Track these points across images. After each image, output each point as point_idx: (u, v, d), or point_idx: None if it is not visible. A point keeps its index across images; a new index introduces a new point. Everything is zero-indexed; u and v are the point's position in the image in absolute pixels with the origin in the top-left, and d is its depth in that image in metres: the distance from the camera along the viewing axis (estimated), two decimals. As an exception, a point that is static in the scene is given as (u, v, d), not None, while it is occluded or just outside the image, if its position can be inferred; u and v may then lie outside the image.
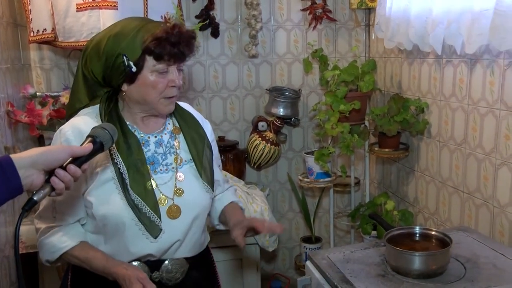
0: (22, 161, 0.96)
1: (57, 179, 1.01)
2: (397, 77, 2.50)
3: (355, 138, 2.30)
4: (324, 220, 2.99)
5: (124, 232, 1.31)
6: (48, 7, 2.13)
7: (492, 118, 1.82)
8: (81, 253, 1.32)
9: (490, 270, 1.42)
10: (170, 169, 1.38)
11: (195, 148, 1.42)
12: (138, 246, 1.32)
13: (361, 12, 2.80)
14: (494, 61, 1.78)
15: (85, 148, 1.08)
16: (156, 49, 1.26)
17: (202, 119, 1.54)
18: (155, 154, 1.38)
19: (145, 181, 1.32)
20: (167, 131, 1.42)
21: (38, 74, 2.51)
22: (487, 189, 1.87)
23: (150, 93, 1.30)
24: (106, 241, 1.34)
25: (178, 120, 1.45)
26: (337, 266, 1.48)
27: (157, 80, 1.29)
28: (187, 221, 1.37)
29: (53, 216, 1.33)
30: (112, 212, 1.29)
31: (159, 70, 1.29)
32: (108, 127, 1.16)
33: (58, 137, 1.31)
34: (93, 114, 1.35)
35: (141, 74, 1.28)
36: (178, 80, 1.32)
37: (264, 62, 2.77)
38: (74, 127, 1.31)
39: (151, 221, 1.30)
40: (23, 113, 2.07)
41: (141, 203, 1.29)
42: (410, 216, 2.32)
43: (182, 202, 1.36)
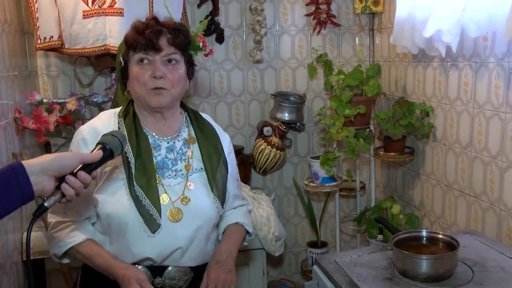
0: (34, 167, 0.98)
1: (68, 186, 1.03)
2: (401, 81, 2.51)
3: (360, 143, 2.31)
4: (330, 224, 2.99)
5: (126, 232, 1.31)
6: (55, 14, 2.15)
7: (497, 121, 1.82)
8: (86, 249, 1.33)
9: (498, 274, 1.42)
10: (180, 175, 1.39)
11: (209, 162, 1.41)
12: (140, 246, 1.32)
13: (365, 17, 2.81)
14: (499, 64, 1.78)
15: (95, 155, 1.10)
16: (129, 39, 1.33)
17: (221, 131, 1.53)
18: (165, 159, 1.39)
19: (150, 177, 1.33)
20: (180, 138, 1.43)
21: (45, 81, 2.53)
22: (494, 192, 1.87)
23: (135, 86, 1.34)
24: (111, 242, 1.36)
25: (195, 130, 1.45)
26: (344, 270, 1.48)
27: (138, 71, 1.33)
28: (190, 228, 1.35)
29: (65, 212, 1.35)
30: (116, 211, 1.30)
31: (137, 60, 1.33)
32: (118, 134, 1.18)
33: (76, 136, 1.37)
34: (111, 113, 1.42)
35: (129, 68, 1.35)
36: (157, 70, 1.32)
37: (268, 67, 2.78)
38: (91, 126, 1.37)
39: (150, 214, 1.30)
40: (30, 119, 2.09)
41: (142, 195, 1.30)
42: (416, 220, 2.32)
43: (186, 209, 1.35)
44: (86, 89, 2.56)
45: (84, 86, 2.56)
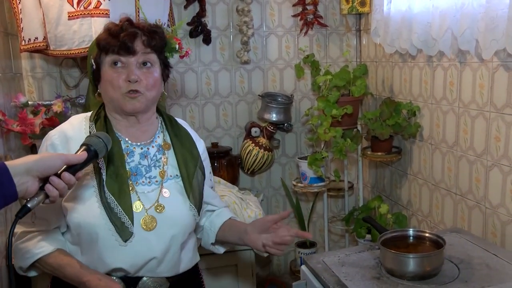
0: (17, 168, 0.96)
1: (51, 187, 1.01)
2: (388, 81, 2.52)
3: (347, 143, 2.32)
4: (318, 224, 3.00)
5: (97, 241, 1.27)
6: (39, 15, 2.12)
7: (482, 120, 1.84)
8: (56, 260, 1.28)
9: (483, 271, 1.43)
10: (154, 182, 1.34)
11: (185, 168, 1.38)
12: (112, 256, 1.28)
13: (352, 18, 2.83)
14: (484, 64, 1.80)
15: (80, 156, 1.09)
16: (102, 41, 1.29)
17: (197, 137, 1.50)
18: (138, 165, 1.34)
19: (122, 183, 1.28)
20: (155, 144, 1.39)
21: (30, 83, 2.50)
22: (479, 190, 1.89)
23: (109, 89, 1.30)
24: (83, 252, 1.31)
25: (171, 136, 1.41)
26: (332, 269, 1.48)
27: (111, 75, 1.29)
28: (164, 237, 1.31)
29: (32, 222, 1.30)
30: (86, 219, 1.26)
31: (110, 63, 1.29)
32: (102, 135, 1.17)
33: (45, 142, 1.33)
34: (81, 118, 1.37)
35: (102, 71, 1.31)
36: (132, 74, 1.27)
37: (256, 68, 2.78)
38: (61, 131, 1.33)
39: (122, 222, 1.25)
40: (15, 122, 2.06)
41: (113, 203, 1.25)
42: (404, 219, 2.34)
43: (160, 217, 1.31)
44: (73, 91, 2.54)
45: (70, 88, 2.54)
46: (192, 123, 2.74)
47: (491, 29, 1.66)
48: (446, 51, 1.95)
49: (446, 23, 1.88)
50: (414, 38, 2.07)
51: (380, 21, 2.33)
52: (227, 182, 2.55)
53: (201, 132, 2.75)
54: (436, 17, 1.92)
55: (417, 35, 2.05)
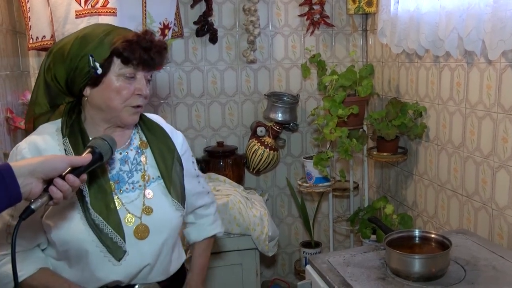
0: (21, 169, 0.96)
1: (55, 188, 1.00)
2: (394, 81, 2.52)
3: (353, 143, 2.31)
4: (323, 224, 2.99)
5: (87, 257, 1.23)
6: (47, 14, 2.13)
7: (489, 121, 1.83)
8: (40, 281, 1.23)
9: (489, 273, 1.42)
10: (137, 187, 1.31)
11: (163, 163, 1.34)
12: (104, 271, 1.24)
13: (358, 18, 2.82)
14: (491, 64, 1.79)
15: (84, 158, 1.07)
16: (125, 51, 1.20)
17: (173, 130, 1.45)
18: (120, 172, 1.30)
19: (108, 200, 1.23)
20: (133, 147, 1.34)
21: (37, 81, 2.51)
22: (486, 192, 1.88)
23: (113, 98, 1.22)
24: (71, 266, 1.27)
25: (146, 133, 1.37)
26: (337, 269, 1.48)
27: (122, 85, 1.22)
28: (156, 243, 1.30)
29: (8, 242, 1.18)
30: (72, 236, 1.21)
31: (126, 74, 1.22)
32: (108, 138, 1.14)
33: (14, 155, 1.23)
34: (52, 129, 1.27)
35: (106, 77, 1.21)
36: (145, 89, 1.24)
37: (262, 68, 2.78)
38: (31, 144, 1.23)
39: (113, 242, 1.21)
40: (22, 119, 2.07)
41: (102, 223, 1.21)
42: (409, 220, 2.33)
43: (150, 222, 1.28)
44: (79, 89, 2.55)
45: (77, 86, 2.55)
46: (197, 122, 2.74)
47: (499, 29, 1.65)
48: (453, 51, 1.94)
49: (452, 23, 1.87)
50: (421, 39, 2.07)
51: (387, 21, 2.32)
52: (232, 181, 2.55)
53: (206, 131, 2.76)
54: (443, 18, 1.91)
55: (424, 35, 2.05)
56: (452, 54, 1.96)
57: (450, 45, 1.93)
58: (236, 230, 2.32)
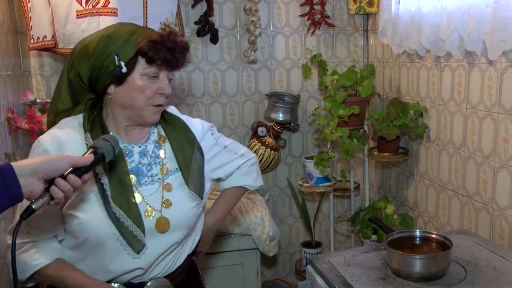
0: (23, 169, 0.96)
1: (57, 188, 1.00)
2: (395, 81, 2.52)
3: (354, 143, 2.31)
4: (324, 224, 2.99)
5: (104, 248, 1.25)
6: (48, 14, 2.14)
7: (490, 122, 1.83)
8: (56, 271, 1.25)
9: (490, 273, 1.42)
10: (156, 180, 1.33)
11: (182, 155, 1.36)
12: (119, 263, 1.26)
13: (359, 18, 2.82)
14: (492, 65, 1.79)
15: (86, 158, 1.07)
16: (150, 51, 1.23)
17: (188, 119, 1.47)
18: (139, 165, 1.32)
19: (128, 194, 1.25)
20: (151, 141, 1.36)
21: (38, 81, 2.52)
22: (487, 192, 1.88)
23: (137, 97, 1.25)
24: (84, 258, 1.28)
25: (164, 127, 1.39)
26: (338, 270, 1.48)
27: (146, 84, 1.25)
28: (175, 236, 1.32)
29: (27, 231, 1.24)
30: (93, 228, 1.23)
31: (149, 74, 1.24)
32: (110, 138, 1.14)
33: (36, 148, 1.25)
34: (75, 124, 1.29)
35: (131, 76, 1.24)
36: (167, 88, 1.28)
37: (263, 68, 2.78)
38: (53, 137, 1.25)
39: (134, 235, 1.23)
40: (23, 119, 2.07)
41: (123, 217, 1.23)
42: (410, 220, 2.33)
43: (170, 214, 1.30)
44: (80, 89, 2.55)
45: (78, 86, 2.55)
46: (198, 122, 2.74)
47: (499, 30, 1.65)
48: (454, 52, 1.94)
49: (453, 24, 1.87)
50: (423, 39, 2.07)
51: (388, 21, 2.32)
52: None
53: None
54: (444, 18, 1.91)
55: (426, 35, 2.05)
56: (453, 55, 1.96)
57: (451, 45, 1.93)
58: (237, 230, 2.32)
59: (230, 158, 1.54)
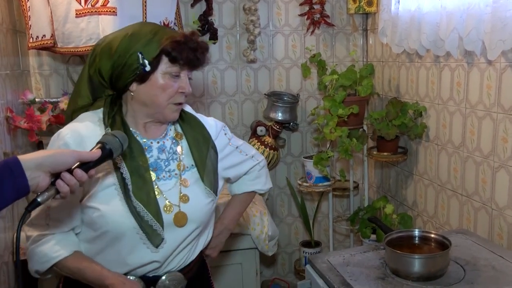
0: (29, 162, 0.97)
1: (62, 182, 1.01)
2: (395, 81, 2.52)
3: (353, 142, 2.31)
4: (323, 224, 2.99)
5: (123, 241, 1.27)
6: (47, 13, 2.13)
7: (489, 121, 1.83)
8: (75, 263, 1.27)
9: (489, 272, 1.42)
10: (173, 176, 1.36)
11: (198, 152, 1.39)
12: (136, 256, 1.29)
13: (359, 17, 2.82)
14: (491, 65, 1.79)
15: (94, 153, 1.08)
16: (173, 51, 1.26)
17: (203, 117, 1.52)
18: (158, 160, 1.36)
19: (149, 188, 1.29)
20: (168, 137, 1.40)
21: (37, 80, 2.52)
22: (486, 192, 1.88)
23: (159, 95, 1.28)
24: (102, 251, 1.31)
25: (181, 124, 1.43)
26: (337, 269, 1.48)
27: (168, 83, 1.28)
28: (191, 229, 1.36)
29: (46, 224, 1.28)
30: (114, 220, 1.25)
31: (172, 73, 1.28)
32: (119, 134, 1.15)
33: (56, 141, 1.27)
34: (95, 118, 1.32)
35: (153, 75, 1.27)
36: (188, 87, 1.31)
37: (262, 67, 2.78)
38: (74, 130, 1.27)
39: (153, 229, 1.27)
40: (22, 119, 2.07)
41: (143, 210, 1.26)
42: (409, 220, 2.33)
43: (188, 209, 1.34)
44: (79, 89, 2.55)
45: (77, 85, 2.55)
46: (198, 122, 2.74)
47: (498, 29, 1.65)
48: (453, 51, 1.94)
49: (452, 23, 1.87)
50: (423, 38, 2.07)
51: (387, 21, 2.32)
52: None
53: (206, 131, 2.76)
54: (444, 18, 1.91)
55: (426, 35, 2.05)
56: (453, 54, 1.96)
57: (451, 45, 1.93)
58: (236, 229, 2.32)
59: (242, 159, 1.58)
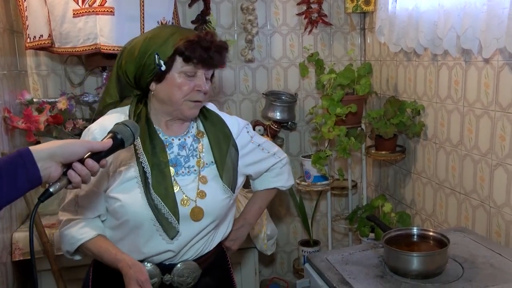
0: (41, 153, 0.98)
1: (74, 173, 1.03)
2: (393, 80, 2.52)
3: (351, 141, 2.31)
4: (322, 223, 2.99)
5: (140, 230, 1.34)
6: (44, 13, 2.13)
7: (487, 120, 1.83)
8: (95, 246, 1.35)
9: (487, 270, 1.43)
10: (192, 172, 1.41)
11: (218, 149, 1.44)
12: (152, 245, 1.35)
13: (356, 16, 2.82)
14: (489, 63, 1.80)
15: (105, 143, 1.09)
16: (186, 50, 1.31)
17: (225, 115, 1.55)
18: (178, 156, 1.41)
19: (167, 183, 1.34)
20: (190, 135, 1.45)
21: (35, 81, 2.51)
22: (484, 190, 1.88)
23: (175, 93, 1.34)
24: (123, 238, 1.38)
25: (203, 122, 1.47)
26: (336, 268, 1.48)
27: (183, 81, 1.33)
28: (206, 224, 1.40)
29: (75, 210, 1.37)
30: (133, 211, 1.32)
31: (187, 72, 1.33)
32: (130, 124, 1.16)
33: (86, 135, 1.36)
34: (122, 115, 1.39)
35: (170, 74, 1.33)
36: (204, 86, 1.35)
37: (260, 67, 2.78)
38: (101, 126, 1.35)
39: (169, 222, 1.32)
40: (20, 119, 2.07)
41: (160, 204, 1.32)
42: (407, 218, 2.33)
43: (204, 204, 1.38)
44: (77, 89, 2.55)
45: (75, 85, 2.55)
46: (196, 121, 2.74)
47: (493, 27, 1.65)
48: (451, 50, 1.95)
49: (450, 22, 1.87)
50: (421, 37, 2.07)
51: (385, 20, 2.33)
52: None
53: (205, 130, 2.75)
54: (441, 16, 1.92)
55: (423, 33, 2.05)
56: (451, 53, 1.97)
57: (449, 43, 1.93)
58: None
59: (263, 156, 1.60)
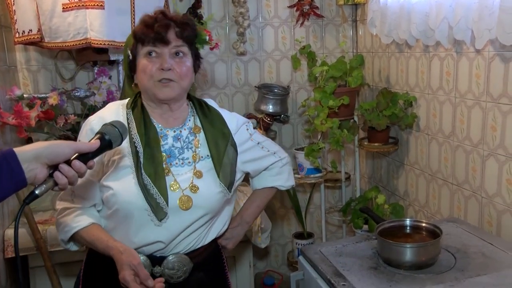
0: (26, 154, 0.96)
1: (60, 174, 1.01)
2: (385, 71, 2.52)
3: (344, 133, 2.32)
4: (315, 215, 3.00)
5: (131, 219, 1.34)
6: (33, 7, 2.11)
7: (479, 110, 1.84)
8: (88, 234, 1.36)
9: (479, 259, 1.44)
10: (186, 164, 1.40)
11: (215, 148, 1.43)
12: (142, 234, 1.35)
13: (348, 8, 2.82)
14: (480, 54, 1.80)
15: (92, 144, 1.08)
16: (139, 33, 1.36)
17: (225, 111, 1.54)
18: (172, 147, 1.41)
19: (158, 165, 1.35)
20: (186, 127, 1.45)
21: (25, 76, 2.49)
22: (475, 180, 1.90)
23: (143, 78, 1.36)
24: (115, 228, 1.38)
25: (201, 118, 1.46)
26: (329, 260, 1.49)
27: (145, 63, 1.35)
28: (197, 215, 1.38)
29: (71, 199, 1.38)
30: (123, 198, 1.33)
31: (146, 53, 1.35)
32: (118, 124, 1.15)
33: (84, 127, 1.39)
34: (119, 105, 1.43)
35: (137, 61, 1.37)
36: (166, 63, 1.34)
37: (252, 60, 2.77)
38: (99, 117, 1.38)
39: (157, 202, 1.32)
40: (11, 115, 2.05)
41: (149, 184, 1.32)
42: (401, 209, 2.34)
43: (195, 197, 1.37)
44: (68, 84, 2.53)
45: (66, 80, 2.52)
46: (188, 115, 2.73)
47: (485, 18, 1.65)
48: (443, 41, 1.95)
49: (442, 12, 1.87)
50: (412, 28, 2.07)
51: (376, 12, 2.32)
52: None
53: (197, 124, 2.75)
54: (433, 7, 1.92)
55: (415, 25, 2.05)
56: (443, 44, 1.97)
57: (441, 34, 1.93)
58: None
59: (262, 154, 1.59)
